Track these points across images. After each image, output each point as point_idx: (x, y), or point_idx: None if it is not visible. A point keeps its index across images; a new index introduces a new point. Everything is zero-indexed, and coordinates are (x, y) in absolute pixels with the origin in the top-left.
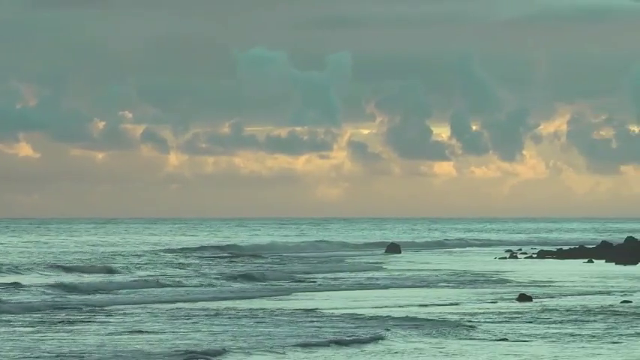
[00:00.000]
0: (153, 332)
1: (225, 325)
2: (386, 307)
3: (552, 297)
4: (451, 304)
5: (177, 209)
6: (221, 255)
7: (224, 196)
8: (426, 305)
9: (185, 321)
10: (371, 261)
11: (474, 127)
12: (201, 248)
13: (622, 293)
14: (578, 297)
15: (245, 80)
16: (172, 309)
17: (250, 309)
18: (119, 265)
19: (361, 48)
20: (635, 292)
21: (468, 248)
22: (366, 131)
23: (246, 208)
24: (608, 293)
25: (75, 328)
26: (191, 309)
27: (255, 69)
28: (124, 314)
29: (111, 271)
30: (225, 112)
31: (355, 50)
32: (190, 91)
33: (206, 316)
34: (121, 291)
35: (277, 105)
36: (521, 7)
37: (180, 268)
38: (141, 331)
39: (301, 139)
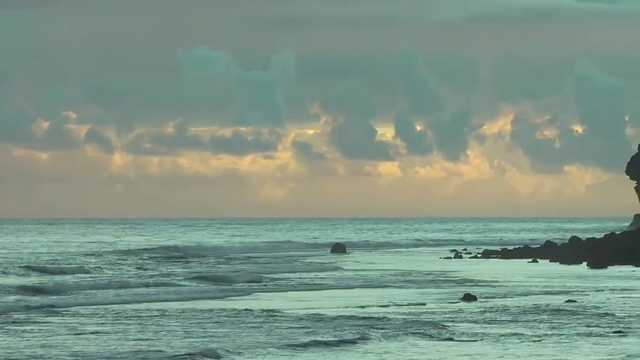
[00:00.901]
0: (105, 333)
1: (191, 327)
2: (347, 307)
3: (497, 297)
4: (410, 304)
5: (122, 209)
6: (173, 256)
7: (169, 196)
8: (386, 305)
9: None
10: (317, 261)
11: (418, 127)
12: (153, 249)
13: (566, 293)
14: (523, 297)
15: (189, 80)
16: (141, 310)
17: (210, 309)
18: (73, 265)
19: (305, 48)
20: (579, 291)
21: (412, 248)
22: (310, 131)
23: (191, 208)
24: (553, 293)
25: (21, 328)
26: (160, 310)
27: (199, 69)
28: (82, 315)
29: (83, 271)
30: (170, 112)
31: (299, 50)
32: (134, 91)
33: (175, 316)
34: (85, 292)
35: (221, 105)
36: (465, 7)
37: (139, 269)
38: (84, 333)
39: (246, 140)
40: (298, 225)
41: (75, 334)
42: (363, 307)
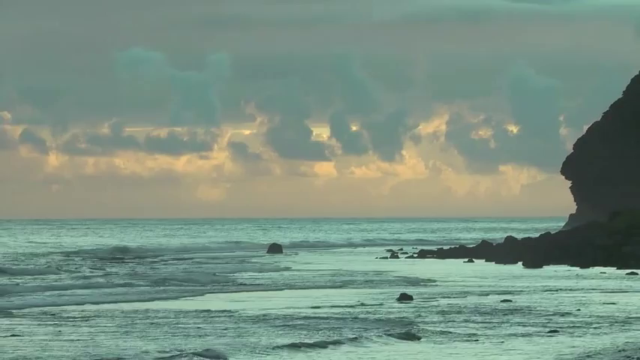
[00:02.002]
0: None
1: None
2: (296, 307)
3: (433, 297)
4: (347, 306)
5: (57, 210)
6: (117, 257)
7: (105, 196)
8: (341, 306)
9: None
10: (260, 261)
11: (353, 128)
12: (98, 250)
13: (502, 292)
14: (459, 297)
15: (124, 80)
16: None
17: (167, 310)
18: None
19: (240, 48)
20: (514, 291)
21: (348, 248)
22: (246, 132)
23: (126, 209)
24: (488, 293)
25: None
26: (130, 310)
27: (134, 69)
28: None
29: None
30: (105, 112)
31: (234, 51)
32: (69, 91)
33: (139, 318)
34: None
35: (156, 105)
36: (400, 7)
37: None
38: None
39: (181, 140)
40: (234, 225)
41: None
42: (318, 307)
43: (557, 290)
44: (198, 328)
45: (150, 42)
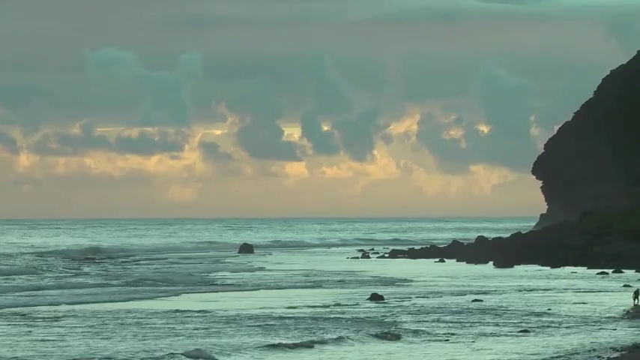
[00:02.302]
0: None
1: (128, 329)
2: (273, 307)
3: (405, 296)
4: (322, 306)
5: (28, 210)
6: (90, 257)
7: (75, 197)
8: (314, 306)
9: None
10: (234, 261)
11: (324, 128)
12: (68, 250)
13: (473, 292)
14: (430, 296)
15: (95, 80)
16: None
17: (141, 310)
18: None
19: (212, 48)
20: (485, 291)
21: (320, 248)
22: (217, 132)
23: (97, 209)
24: (460, 293)
25: None
26: (108, 311)
27: (106, 69)
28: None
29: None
30: (76, 112)
31: (206, 51)
32: (40, 91)
33: (115, 318)
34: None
35: (128, 105)
36: (371, 8)
37: (67, 269)
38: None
39: (152, 140)
40: (205, 225)
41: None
42: (294, 307)
43: (528, 290)
44: (173, 328)
45: (121, 42)
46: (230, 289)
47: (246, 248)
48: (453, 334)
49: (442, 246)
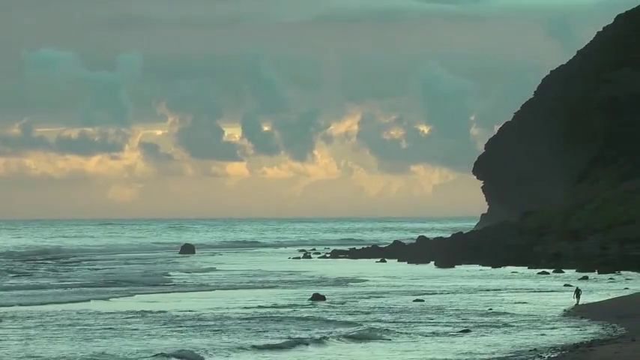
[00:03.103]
0: None
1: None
2: (229, 307)
3: (346, 296)
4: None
5: None
6: (35, 258)
7: (15, 197)
8: (264, 307)
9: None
10: (183, 261)
11: (265, 128)
12: (12, 251)
13: (414, 292)
14: (371, 296)
15: (34, 81)
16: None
17: (96, 311)
18: None
19: (151, 48)
20: (426, 291)
21: (261, 248)
22: (158, 132)
23: (38, 209)
24: (401, 293)
25: None
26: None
27: (45, 69)
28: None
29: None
30: (15, 112)
31: (145, 51)
32: None
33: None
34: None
35: (67, 105)
36: (312, 8)
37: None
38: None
39: (92, 140)
40: (146, 226)
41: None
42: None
43: (469, 290)
44: (136, 329)
45: (60, 42)
46: (187, 290)
47: (188, 249)
48: (394, 333)
49: (383, 246)
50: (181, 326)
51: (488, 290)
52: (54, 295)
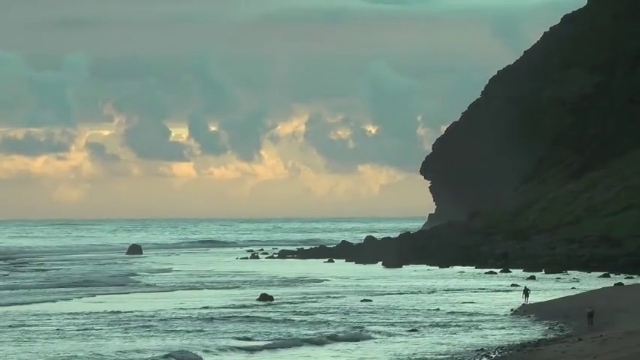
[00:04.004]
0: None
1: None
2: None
3: (294, 297)
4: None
5: None
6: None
7: None
8: (211, 307)
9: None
10: (119, 262)
11: (212, 128)
12: None
13: (362, 292)
14: (319, 296)
15: None
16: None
17: (62, 312)
18: None
19: (98, 49)
20: (374, 291)
21: (209, 248)
22: (105, 132)
23: None
24: (348, 293)
25: None
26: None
27: None
28: None
29: None
30: None
31: (91, 51)
32: None
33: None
34: None
35: (13, 106)
36: (259, 8)
37: None
38: None
39: (38, 141)
40: (93, 226)
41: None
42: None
43: (417, 290)
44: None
45: (5, 42)
46: (150, 290)
47: (135, 249)
48: (341, 333)
49: (331, 246)
50: (128, 328)
51: (435, 290)
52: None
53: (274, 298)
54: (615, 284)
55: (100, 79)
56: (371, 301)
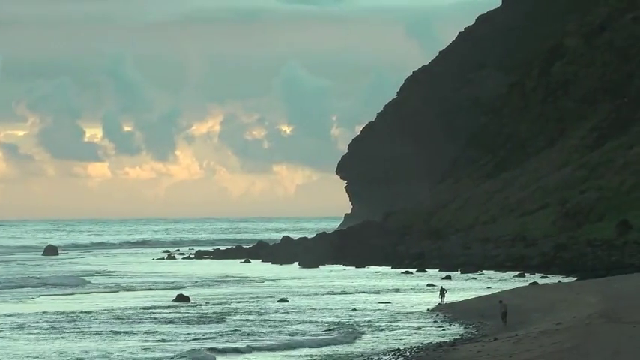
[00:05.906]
0: None
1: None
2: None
3: (211, 298)
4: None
5: None
6: None
7: None
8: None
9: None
10: (35, 263)
11: (126, 128)
12: None
13: (278, 293)
14: (236, 297)
15: None
16: None
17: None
18: None
19: (10, 49)
20: (290, 292)
21: (124, 249)
22: (19, 133)
23: None
24: (265, 294)
25: None
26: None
27: None
28: None
29: None
30: None
31: (4, 51)
32: None
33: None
34: None
35: None
36: (172, 8)
37: None
38: None
39: None
40: (9, 228)
41: None
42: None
43: (333, 290)
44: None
45: None
46: (50, 293)
47: (51, 250)
48: (261, 333)
49: (248, 246)
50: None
51: (352, 290)
52: None
53: (191, 298)
54: (530, 284)
55: (14, 79)
56: (287, 301)
